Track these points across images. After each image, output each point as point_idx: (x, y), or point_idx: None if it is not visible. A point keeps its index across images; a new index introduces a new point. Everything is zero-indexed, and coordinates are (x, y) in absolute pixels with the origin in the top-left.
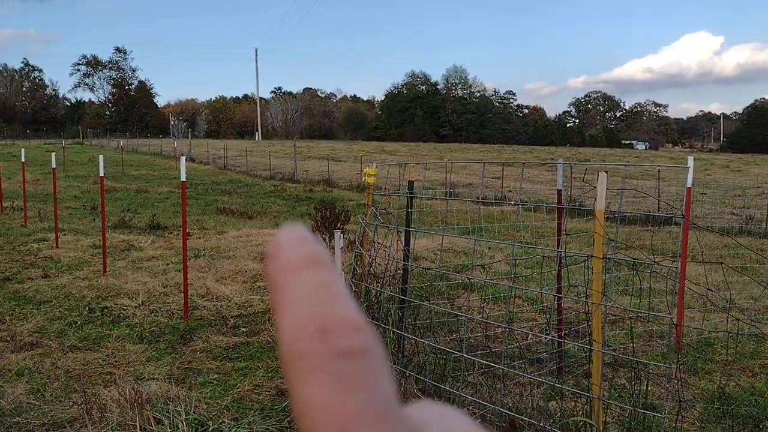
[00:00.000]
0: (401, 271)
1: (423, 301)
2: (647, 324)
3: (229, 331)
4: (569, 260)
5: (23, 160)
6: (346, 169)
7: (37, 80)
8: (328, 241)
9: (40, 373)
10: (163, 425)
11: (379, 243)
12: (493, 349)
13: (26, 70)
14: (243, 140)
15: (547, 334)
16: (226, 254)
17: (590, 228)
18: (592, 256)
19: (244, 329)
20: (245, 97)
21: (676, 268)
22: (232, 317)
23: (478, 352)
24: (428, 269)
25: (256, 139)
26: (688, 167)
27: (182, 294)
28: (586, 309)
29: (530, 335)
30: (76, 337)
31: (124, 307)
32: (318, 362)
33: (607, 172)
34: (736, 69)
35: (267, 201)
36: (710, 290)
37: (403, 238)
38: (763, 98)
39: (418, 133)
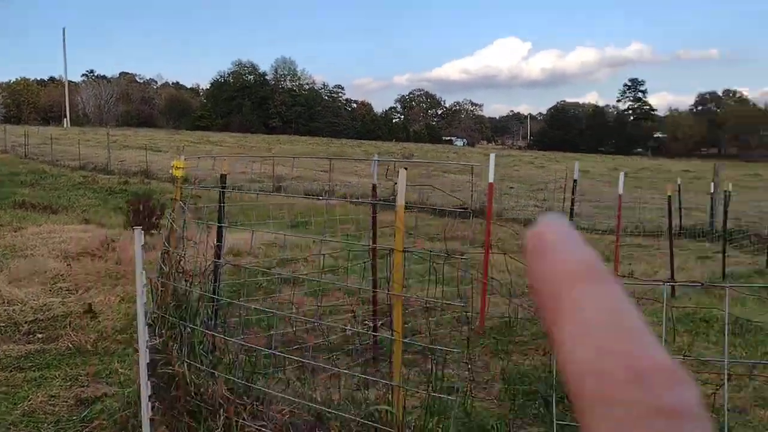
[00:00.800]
0: (212, 268)
1: (235, 299)
2: (454, 312)
3: (21, 339)
4: (383, 252)
5: None
6: (166, 160)
7: None
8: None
9: None
10: None
11: (188, 239)
12: (306, 344)
13: None
14: (49, 126)
15: (364, 325)
16: (22, 253)
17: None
18: (393, 249)
19: (39, 335)
20: (51, 79)
21: (468, 258)
22: (26, 323)
23: (293, 348)
24: (240, 266)
25: (65, 125)
26: (489, 164)
27: None
28: (389, 300)
29: (347, 328)
30: None
31: None
32: (636, 417)
33: (407, 169)
34: (541, 73)
35: (75, 194)
36: (493, 278)
37: (215, 234)
38: (564, 101)
39: (246, 124)
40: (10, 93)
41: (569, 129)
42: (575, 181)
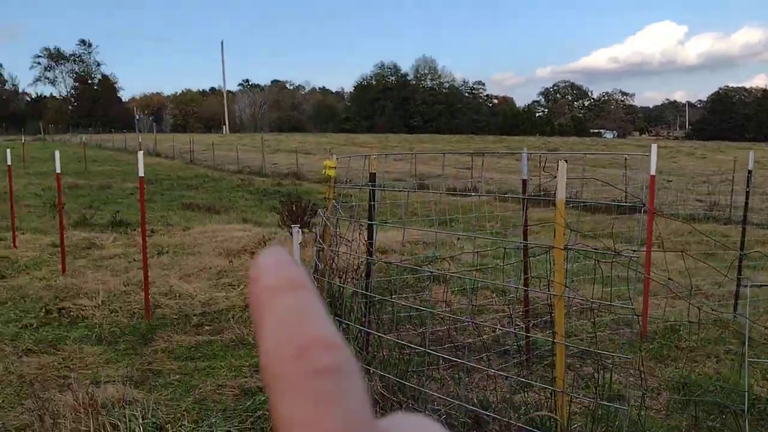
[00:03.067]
0: (365, 266)
1: (387, 296)
2: (614, 313)
3: (192, 330)
4: (536, 251)
5: None
6: (315, 162)
7: None
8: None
9: None
10: (118, 430)
11: (341, 237)
12: (458, 343)
13: None
14: (210, 134)
15: (516, 325)
16: (190, 250)
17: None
18: (553, 247)
19: (207, 327)
20: (212, 90)
21: (637, 257)
22: (195, 315)
23: (445, 346)
24: (391, 263)
25: (224, 132)
26: (650, 155)
27: (144, 293)
28: (550, 300)
29: (498, 327)
30: (32, 340)
31: (83, 308)
32: (296, 381)
33: (567, 161)
34: (699, 58)
35: (234, 195)
36: (671, 279)
37: (366, 232)
38: (726, 86)
39: (388, 125)
40: (177, 104)
41: (733, 116)
42: (750, 172)
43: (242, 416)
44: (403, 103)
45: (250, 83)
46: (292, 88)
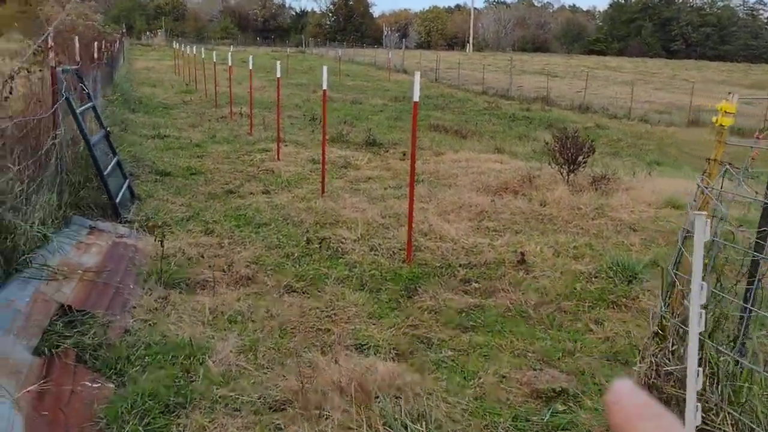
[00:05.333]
0: None
1: None
2: None
3: (459, 286)
4: None
5: (250, 67)
6: (564, 86)
7: None
8: (566, 175)
9: (253, 322)
10: None
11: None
12: None
13: None
14: (453, 51)
15: None
16: (445, 181)
17: None
18: None
19: (476, 285)
20: (458, 7)
21: None
22: (460, 266)
23: None
24: None
25: (467, 51)
26: None
27: (403, 228)
28: None
29: None
30: (293, 274)
31: (343, 240)
32: None
33: None
34: None
35: (481, 119)
36: None
37: None
38: None
39: (644, 48)
40: (422, 21)
41: None
42: None
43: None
44: (664, 24)
45: (497, 0)
46: (540, 5)
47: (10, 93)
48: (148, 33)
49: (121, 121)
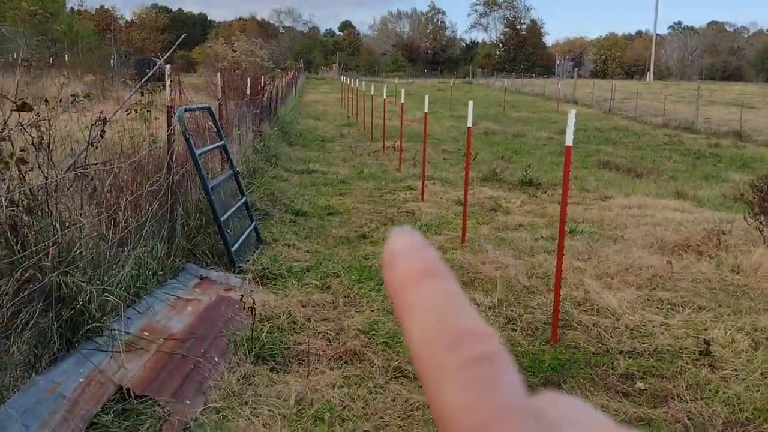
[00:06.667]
0: None
1: None
2: None
3: (617, 385)
4: None
5: (402, 100)
6: (761, 119)
7: (439, 22)
8: (767, 233)
9: (342, 422)
10: None
11: None
12: None
13: (431, 12)
14: (631, 81)
15: None
16: (611, 234)
17: None
18: None
19: (641, 385)
20: (638, 33)
21: None
22: (621, 353)
23: None
24: None
25: (647, 79)
26: None
27: (551, 294)
28: None
29: None
30: (406, 351)
31: (477, 305)
32: (452, 370)
33: None
34: None
35: (659, 155)
36: None
37: None
38: None
39: None
40: (599, 49)
41: None
42: None
43: None
44: None
45: (683, 26)
46: (732, 30)
47: (101, 136)
48: (323, 67)
49: (274, 155)
